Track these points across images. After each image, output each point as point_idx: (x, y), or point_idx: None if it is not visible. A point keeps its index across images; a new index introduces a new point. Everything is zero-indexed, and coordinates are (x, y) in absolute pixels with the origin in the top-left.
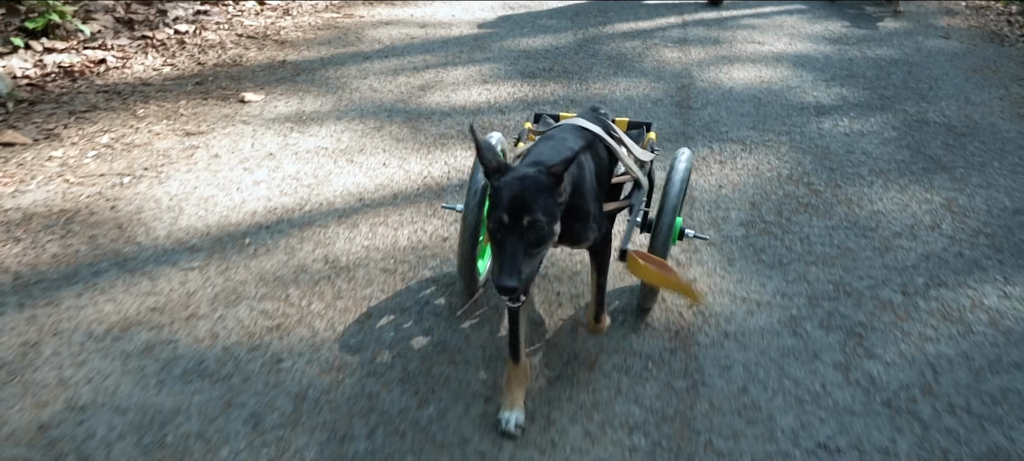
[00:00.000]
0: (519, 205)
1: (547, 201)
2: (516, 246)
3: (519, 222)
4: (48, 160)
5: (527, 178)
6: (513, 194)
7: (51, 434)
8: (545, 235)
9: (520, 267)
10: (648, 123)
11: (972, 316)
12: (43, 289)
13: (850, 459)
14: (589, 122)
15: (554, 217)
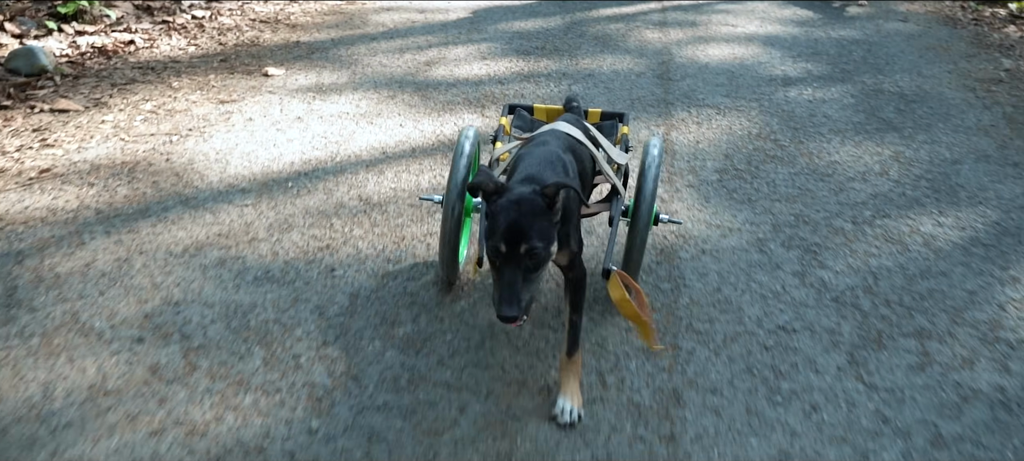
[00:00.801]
0: (517, 234)
1: (543, 225)
2: (514, 275)
3: (516, 250)
4: (101, 123)
5: (523, 202)
6: (510, 221)
7: (155, 320)
8: (542, 260)
9: (519, 296)
10: (622, 114)
11: (909, 239)
12: (122, 221)
13: (804, 337)
14: (572, 126)
15: (550, 240)
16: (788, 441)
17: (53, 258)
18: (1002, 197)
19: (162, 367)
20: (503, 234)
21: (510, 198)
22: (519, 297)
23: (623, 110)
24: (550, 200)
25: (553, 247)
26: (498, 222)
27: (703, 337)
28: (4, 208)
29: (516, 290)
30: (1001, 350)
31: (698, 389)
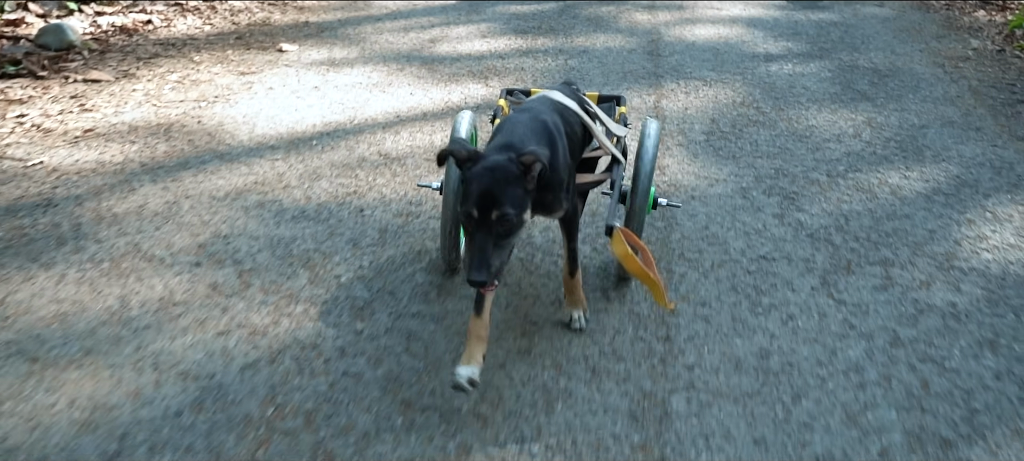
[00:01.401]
0: (488, 199)
1: (515, 192)
2: (485, 240)
3: (488, 216)
4: (133, 91)
5: (496, 169)
6: (482, 188)
7: (208, 250)
8: (514, 226)
9: (490, 261)
10: (619, 96)
11: (878, 189)
12: (166, 171)
13: (782, 264)
14: (563, 95)
15: (523, 207)
16: (767, 341)
17: (108, 201)
18: (963, 156)
19: (220, 285)
20: (475, 200)
21: (484, 165)
22: (489, 262)
23: (619, 93)
24: (525, 168)
25: (526, 215)
26: (471, 188)
27: (693, 264)
28: (57, 162)
29: (487, 256)
30: (954, 275)
31: (690, 302)
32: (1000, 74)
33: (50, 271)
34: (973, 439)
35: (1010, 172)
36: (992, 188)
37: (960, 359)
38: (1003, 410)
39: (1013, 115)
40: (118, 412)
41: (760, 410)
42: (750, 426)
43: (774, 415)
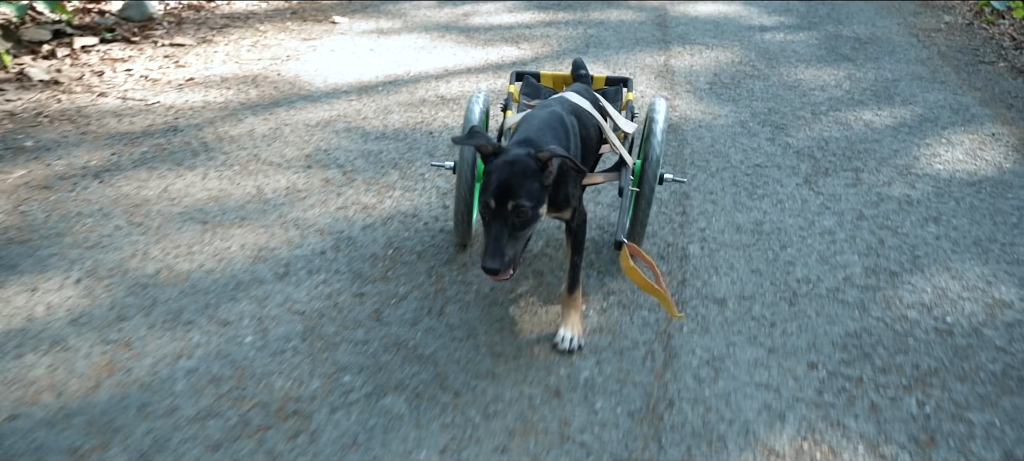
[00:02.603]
0: (506, 191)
1: (532, 186)
2: (501, 230)
3: (504, 207)
4: (215, 53)
5: (516, 163)
6: (501, 180)
7: (314, 158)
8: (529, 218)
9: (503, 250)
10: (626, 79)
11: (854, 123)
12: (263, 108)
13: (772, 170)
14: (580, 96)
15: (539, 201)
16: (761, 215)
17: (222, 128)
18: (928, 101)
19: (331, 179)
20: (493, 191)
21: (505, 158)
22: (503, 252)
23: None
24: (543, 164)
25: (542, 209)
26: (491, 180)
27: (702, 168)
28: (170, 101)
29: (501, 245)
30: (911, 178)
31: (700, 192)
32: (966, 42)
33: (194, 172)
34: (913, 271)
35: (966, 112)
36: (949, 123)
37: (909, 227)
38: (937, 256)
39: (974, 72)
40: (278, 251)
41: (755, 254)
42: (748, 262)
43: (766, 256)
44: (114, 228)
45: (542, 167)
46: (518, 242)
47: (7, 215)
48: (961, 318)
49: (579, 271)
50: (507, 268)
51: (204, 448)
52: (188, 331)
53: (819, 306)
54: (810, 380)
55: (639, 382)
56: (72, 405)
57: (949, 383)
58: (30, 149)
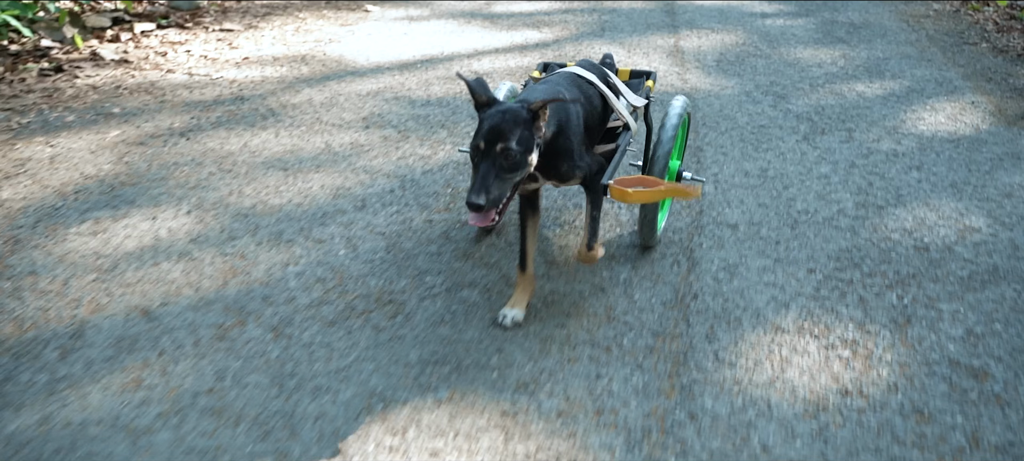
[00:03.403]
0: (495, 134)
1: (523, 133)
2: (488, 169)
3: (493, 148)
4: (263, 36)
5: (508, 111)
6: (492, 124)
7: (370, 121)
8: (516, 163)
9: (488, 188)
10: (650, 72)
11: (847, 93)
12: (316, 81)
13: (774, 129)
14: (586, 71)
15: (528, 149)
16: (766, 164)
17: (283, 97)
18: (915, 75)
19: (388, 137)
20: (484, 134)
21: (498, 108)
22: (488, 189)
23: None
24: (534, 115)
25: (531, 156)
26: (483, 126)
27: (712, 128)
28: (232, 76)
29: (487, 183)
30: (897, 136)
31: (712, 146)
32: (953, 26)
33: (266, 131)
34: (897, 206)
35: (949, 85)
36: (933, 93)
37: (894, 174)
38: (918, 195)
39: (958, 52)
40: (354, 190)
41: (762, 192)
42: (756, 198)
43: (771, 194)
44: (208, 173)
45: (533, 117)
46: (504, 184)
47: (114, 165)
48: (936, 239)
49: (598, 226)
50: (491, 208)
51: (322, 325)
52: (290, 246)
53: (816, 230)
54: (809, 281)
55: (669, 280)
56: (209, 296)
57: (924, 284)
58: (118, 114)
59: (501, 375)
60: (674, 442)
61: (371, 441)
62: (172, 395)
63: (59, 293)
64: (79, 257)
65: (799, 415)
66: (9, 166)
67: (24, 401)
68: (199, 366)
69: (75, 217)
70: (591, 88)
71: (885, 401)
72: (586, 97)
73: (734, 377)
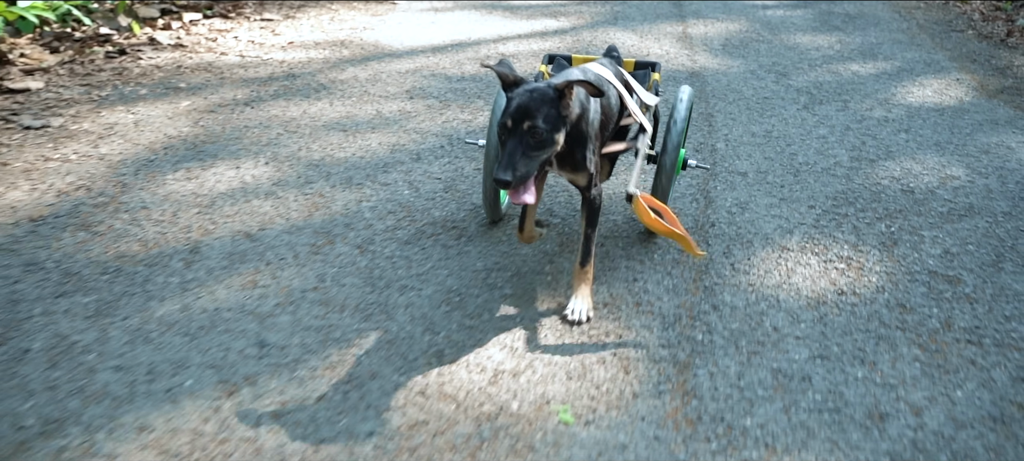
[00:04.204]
0: (523, 112)
1: (550, 112)
2: (516, 147)
3: (520, 126)
4: (300, 25)
5: (536, 91)
6: (520, 103)
7: (412, 93)
8: (544, 141)
9: (516, 165)
10: (655, 63)
11: (843, 72)
12: (358, 62)
13: (777, 101)
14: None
15: (556, 128)
16: (770, 127)
17: (330, 75)
18: (905, 57)
19: (431, 105)
20: (511, 112)
21: (526, 88)
22: (515, 166)
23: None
24: (560, 93)
25: (558, 135)
26: (511, 104)
27: (720, 98)
28: (281, 57)
29: (514, 160)
30: (888, 106)
31: (721, 114)
32: (942, 16)
33: (321, 102)
34: (887, 159)
35: (937, 65)
36: (921, 72)
37: (885, 135)
38: (906, 151)
39: (946, 37)
40: (408, 146)
41: (767, 148)
42: (762, 153)
43: (775, 150)
44: (276, 134)
45: (561, 97)
46: (531, 162)
47: (191, 128)
48: (921, 184)
49: (591, 245)
50: (518, 184)
51: (398, 244)
52: (360, 188)
53: (816, 177)
54: (809, 214)
55: (689, 213)
56: (298, 224)
57: (909, 217)
58: (185, 89)
59: (554, 278)
60: (701, 324)
61: (453, 322)
62: (284, 291)
63: (171, 222)
64: (180, 196)
65: (803, 307)
66: (100, 129)
67: (165, 295)
68: (302, 272)
69: (169, 167)
70: (610, 88)
71: (874, 298)
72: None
73: (748, 282)
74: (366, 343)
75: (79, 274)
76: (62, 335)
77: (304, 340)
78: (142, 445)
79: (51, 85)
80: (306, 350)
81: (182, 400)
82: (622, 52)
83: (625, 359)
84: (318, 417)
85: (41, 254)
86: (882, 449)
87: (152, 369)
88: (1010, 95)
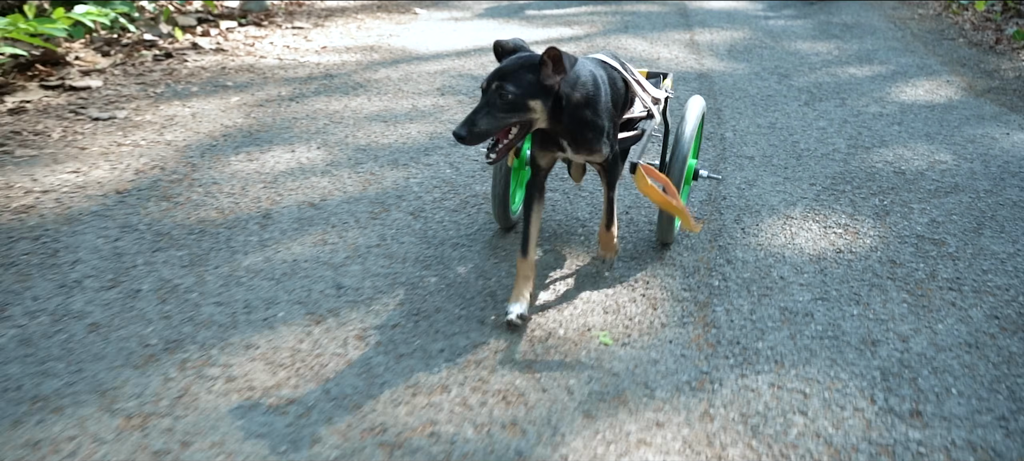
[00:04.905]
0: (498, 74)
1: (526, 77)
2: (483, 105)
3: (491, 85)
4: (330, 32)
5: (520, 58)
6: (500, 67)
7: (443, 91)
8: (510, 103)
9: (476, 121)
10: (665, 73)
11: (841, 74)
12: (388, 64)
13: (780, 99)
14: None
15: (529, 93)
16: (774, 120)
17: (365, 75)
18: (899, 62)
19: (462, 101)
20: (490, 75)
21: (515, 55)
22: (475, 123)
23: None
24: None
25: (533, 102)
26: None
27: (728, 96)
28: (316, 61)
29: (476, 118)
30: (883, 103)
31: (729, 109)
32: (935, 26)
33: (360, 98)
34: (881, 147)
35: (929, 69)
36: (914, 74)
37: (880, 127)
38: (898, 141)
39: (938, 45)
40: (445, 134)
41: (772, 137)
42: (767, 140)
43: (779, 138)
44: (323, 124)
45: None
46: (494, 121)
47: (244, 119)
48: (911, 167)
49: (614, 206)
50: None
51: (447, 212)
52: (407, 168)
53: (816, 161)
54: (810, 190)
55: (701, 187)
56: (355, 196)
57: (900, 193)
58: (232, 87)
59: (586, 238)
60: (717, 274)
61: (502, 271)
62: (351, 247)
63: (241, 194)
64: (245, 174)
65: (805, 262)
66: (161, 120)
67: (247, 250)
68: (365, 233)
69: (230, 151)
70: (615, 72)
71: (868, 255)
72: (610, 80)
73: (757, 242)
74: (428, 286)
75: (169, 234)
76: (165, 279)
77: (375, 284)
78: (250, 358)
79: (109, 84)
80: (377, 291)
81: (278, 327)
82: (633, 57)
83: (652, 299)
84: (395, 339)
85: (132, 218)
86: (874, 365)
87: (248, 304)
88: (996, 94)
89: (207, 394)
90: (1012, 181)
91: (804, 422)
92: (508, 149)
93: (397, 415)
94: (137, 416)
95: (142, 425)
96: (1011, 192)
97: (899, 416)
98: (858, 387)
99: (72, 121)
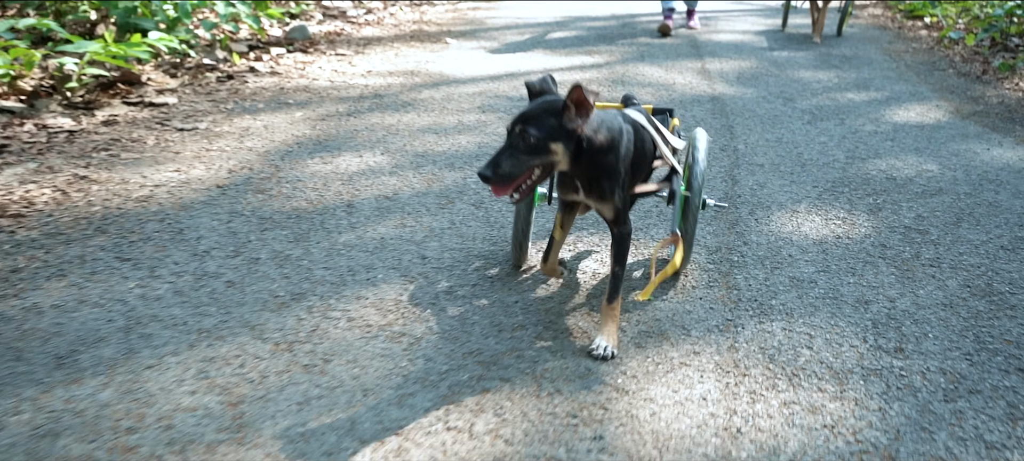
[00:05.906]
0: (522, 117)
1: (550, 121)
2: (506, 147)
3: (515, 128)
4: (371, 59)
5: (546, 101)
6: (526, 109)
7: (484, 109)
8: (533, 146)
9: (499, 163)
10: (670, 109)
11: (841, 99)
12: (429, 86)
13: (786, 119)
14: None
15: (552, 136)
16: (780, 135)
17: (411, 95)
18: (894, 89)
19: (502, 117)
20: (516, 117)
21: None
22: (499, 164)
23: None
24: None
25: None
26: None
27: (739, 117)
28: (364, 83)
29: (500, 158)
30: (878, 123)
31: (740, 127)
32: (927, 58)
33: (409, 114)
34: (875, 159)
35: (921, 96)
36: (907, 100)
37: (875, 142)
38: (891, 153)
39: (929, 75)
40: (493, 144)
41: (777, 149)
42: (775, 152)
43: (785, 151)
44: (382, 135)
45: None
46: (517, 163)
47: (311, 130)
48: (901, 175)
49: (619, 282)
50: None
51: (504, 204)
52: (462, 170)
53: (818, 168)
54: (813, 191)
55: (719, 188)
56: (421, 191)
57: (892, 195)
58: (293, 104)
59: None
60: (736, 252)
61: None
62: (427, 229)
63: (325, 188)
64: (324, 174)
65: (809, 243)
66: (238, 130)
67: (340, 231)
68: (437, 219)
69: (305, 155)
70: (645, 133)
71: (863, 240)
72: (639, 138)
73: (768, 229)
74: (498, 257)
75: (271, 218)
76: (277, 251)
77: (453, 256)
78: (362, 306)
79: (183, 101)
80: (456, 261)
81: (380, 284)
82: (650, 83)
83: (683, 270)
84: (477, 292)
85: (237, 206)
86: (866, 318)
87: (351, 269)
88: (980, 117)
89: (334, 329)
90: (989, 186)
91: (810, 353)
92: (531, 190)
93: (487, 344)
94: (283, 343)
95: (289, 349)
96: (987, 195)
97: (886, 351)
98: (853, 332)
99: (160, 131)
